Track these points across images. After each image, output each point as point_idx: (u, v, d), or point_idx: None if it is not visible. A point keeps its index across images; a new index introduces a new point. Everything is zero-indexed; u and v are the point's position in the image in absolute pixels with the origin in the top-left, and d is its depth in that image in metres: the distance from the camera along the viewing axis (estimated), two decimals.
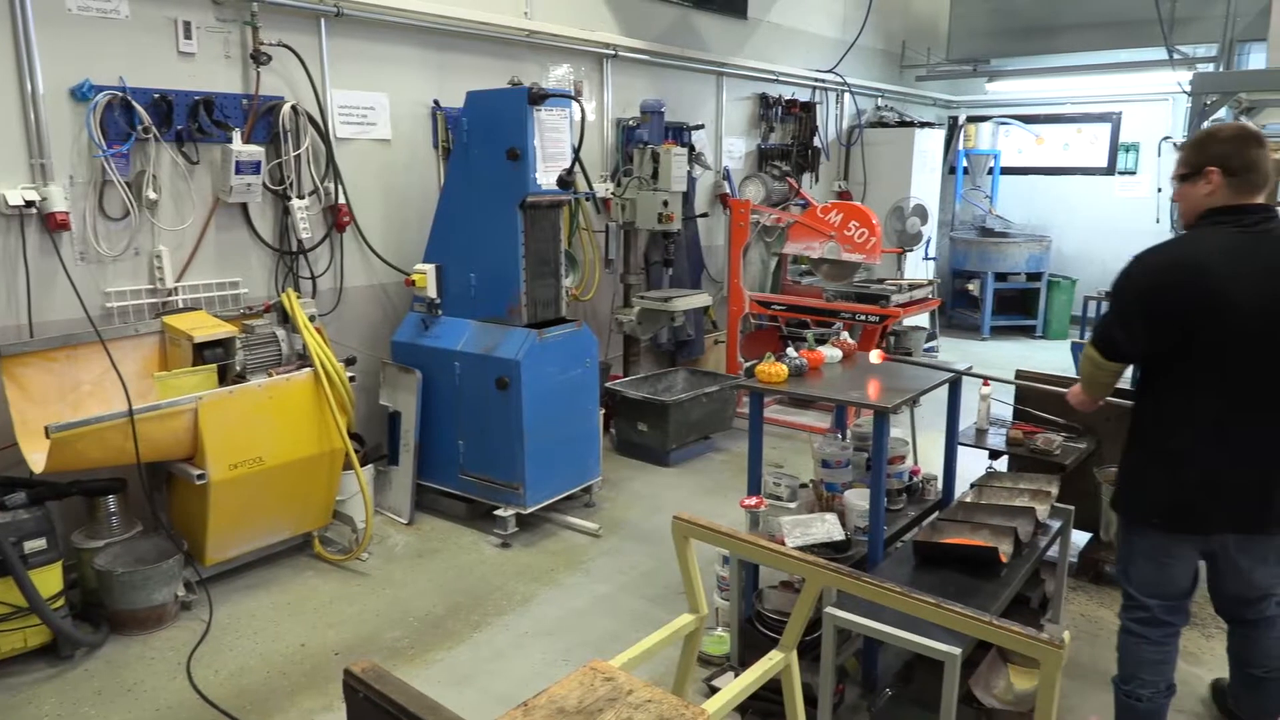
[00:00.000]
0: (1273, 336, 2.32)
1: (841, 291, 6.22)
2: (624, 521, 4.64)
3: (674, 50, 6.46)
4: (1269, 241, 2.35)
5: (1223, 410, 2.39)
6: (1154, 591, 2.57)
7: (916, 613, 2.06)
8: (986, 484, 3.49)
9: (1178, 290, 2.36)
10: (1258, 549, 2.49)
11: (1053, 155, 10.04)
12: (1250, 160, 2.38)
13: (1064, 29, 8.48)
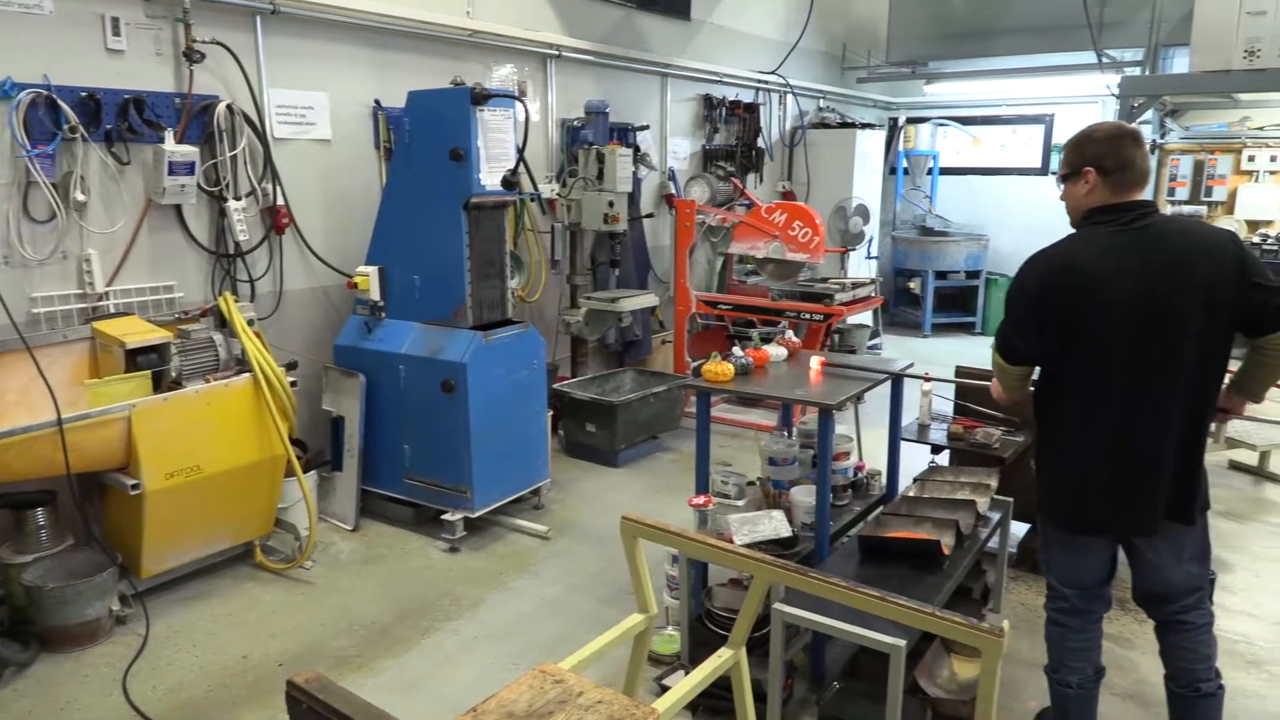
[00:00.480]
0: (1153, 332, 2.34)
1: (786, 290, 6.29)
2: (573, 523, 4.63)
3: (618, 51, 6.46)
4: (1147, 237, 2.38)
5: (1110, 408, 2.43)
6: (1071, 581, 2.63)
7: (862, 606, 2.10)
8: (929, 478, 3.56)
9: (1062, 293, 2.41)
10: (1165, 545, 2.51)
11: (989, 156, 10.29)
12: (1125, 159, 2.43)
13: (998, 33, 8.69)
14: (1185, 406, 2.40)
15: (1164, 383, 2.37)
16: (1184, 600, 2.55)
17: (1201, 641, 2.56)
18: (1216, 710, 2.56)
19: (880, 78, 9.57)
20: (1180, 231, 2.43)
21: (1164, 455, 2.41)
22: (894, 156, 10.28)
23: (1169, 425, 2.40)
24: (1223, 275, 2.33)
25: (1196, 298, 2.32)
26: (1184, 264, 2.33)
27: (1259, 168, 8.94)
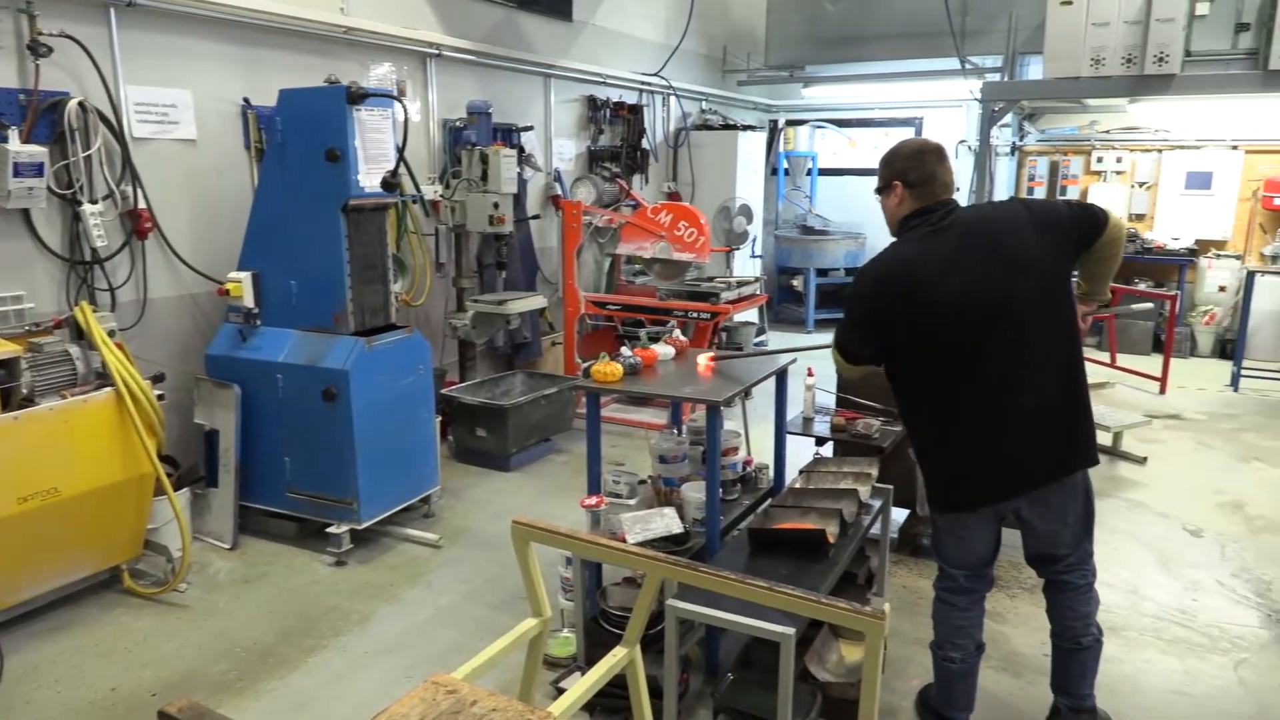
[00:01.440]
0: (991, 308, 2.51)
1: (674, 290, 6.36)
2: (465, 530, 4.55)
3: (500, 51, 6.40)
4: (956, 230, 2.58)
5: (958, 391, 2.58)
6: (959, 562, 2.78)
7: (751, 597, 2.14)
8: (814, 469, 3.66)
9: (892, 295, 2.60)
10: (1049, 513, 2.66)
11: (864, 157, 10.67)
12: (928, 173, 2.66)
13: (870, 38, 9.03)
14: (1052, 359, 2.57)
15: (1020, 349, 2.52)
16: (1069, 560, 2.73)
17: (1082, 600, 2.76)
18: (1094, 659, 2.79)
19: (760, 81, 9.80)
20: (978, 216, 2.70)
21: (1042, 414, 2.56)
22: (775, 158, 10.55)
23: (1041, 384, 2.55)
24: (1023, 232, 2.56)
25: (1014, 266, 2.52)
26: (994, 243, 2.55)
27: (1107, 168, 9.61)
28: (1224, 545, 4.39)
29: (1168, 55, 6.82)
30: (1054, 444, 2.59)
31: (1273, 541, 4.45)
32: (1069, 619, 2.78)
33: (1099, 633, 2.79)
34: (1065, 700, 2.83)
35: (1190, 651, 3.44)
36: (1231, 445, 5.96)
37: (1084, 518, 2.73)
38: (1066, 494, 2.65)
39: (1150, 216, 9.49)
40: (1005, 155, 9.87)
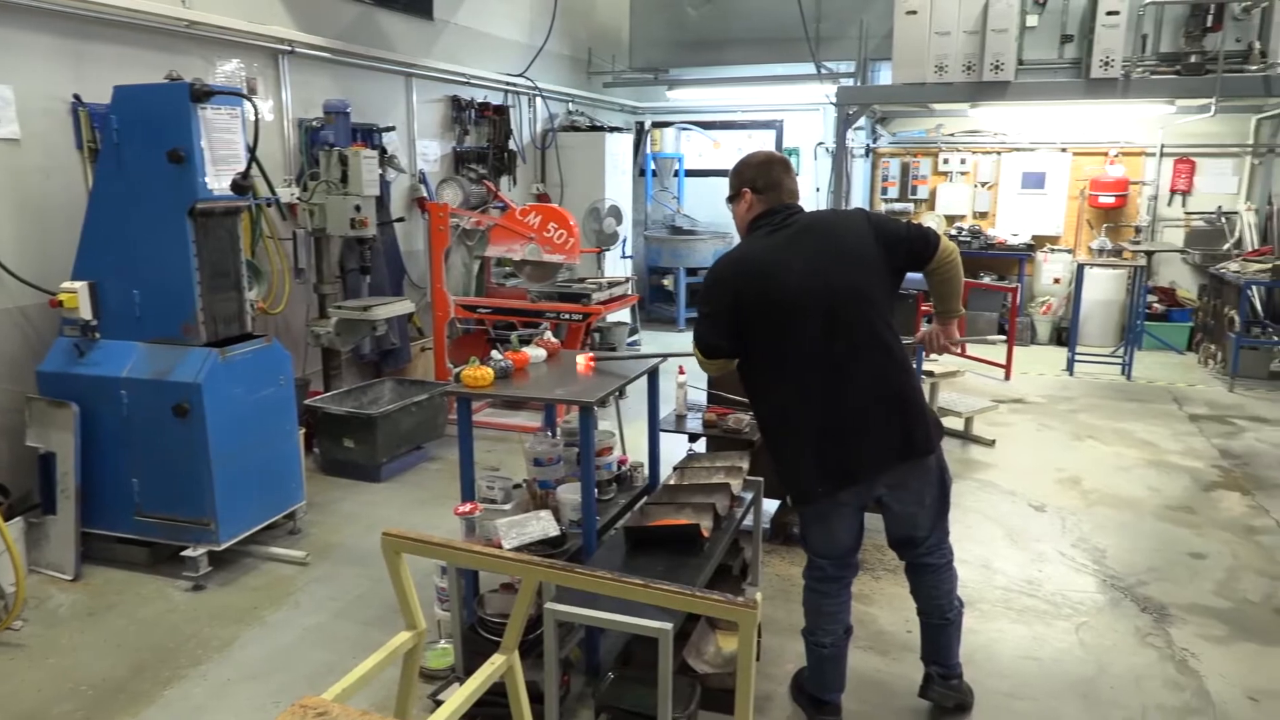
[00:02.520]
0: (827, 302, 2.66)
1: (545, 292, 6.33)
2: (335, 545, 4.39)
3: (358, 49, 6.20)
4: (798, 229, 2.77)
5: (814, 379, 2.69)
6: (825, 552, 2.89)
7: (628, 595, 2.15)
8: (687, 465, 3.72)
9: (737, 286, 2.75)
10: (907, 495, 2.80)
11: (729, 158, 10.90)
12: (774, 180, 2.85)
13: (731, 43, 9.25)
14: (877, 354, 2.70)
15: (850, 341, 2.68)
16: (928, 542, 2.89)
17: (944, 578, 2.94)
18: (958, 630, 2.99)
19: (625, 83, 9.88)
20: (820, 219, 2.94)
21: (873, 403, 2.69)
22: (642, 159, 10.66)
23: (871, 376, 2.69)
24: (864, 239, 2.75)
25: (849, 262, 2.71)
26: (831, 241, 2.75)
27: (952, 169, 10.19)
28: (1064, 518, 4.74)
29: (1003, 63, 7.30)
30: (890, 431, 2.70)
31: (1106, 513, 4.83)
32: (934, 597, 2.95)
33: (960, 605, 3.00)
34: (937, 669, 3.01)
35: (1038, 619, 3.69)
36: (1068, 425, 6.44)
37: (939, 499, 2.87)
38: (923, 477, 2.79)
39: (992, 214, 10.14)
40: (861, 157, 10.33)
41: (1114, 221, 9.68)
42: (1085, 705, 3.10)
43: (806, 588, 2.96)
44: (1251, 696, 3.16)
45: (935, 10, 7.41)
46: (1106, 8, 7.04)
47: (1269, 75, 7.00)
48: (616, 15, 9.85)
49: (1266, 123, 9.12)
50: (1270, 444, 6.01)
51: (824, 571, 2.90)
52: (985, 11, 7.25)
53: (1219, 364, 8.11)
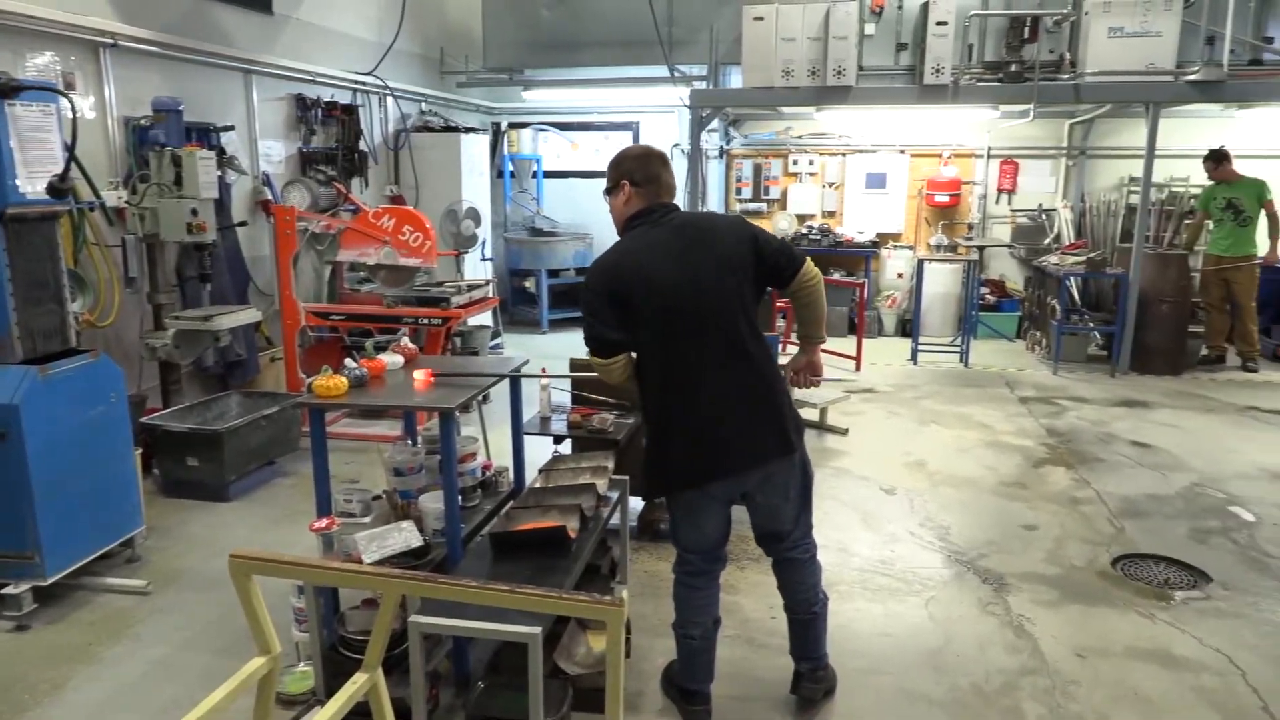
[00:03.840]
0: (697, 301, 2.74)
1: (402, 297, 6.16)
2: (180, 571, 4.12)
3: (190, 44, 5.84)
4: (675, 228, 2.82)
5: (682, 374, 2.77)
6: (694, 546, 2.94)
7: (494, 602, 2.12)
8: (553, 468, 3.71)
9: (618, 280, 2.78)
10: (771, 490, 2.86)
11: (587, 160, 10.97)
12: (652, 174, 2.89)
13: (585, 45, 9.29)
14: (740, 357, 2.77)
15: (717, 342, 2.75)
16: (793, 536, 2.96)
17: (809, 573, 3.02)
18: (824, 623, 3.07)
19: (479, 83, 9.75)
20: (698, 221, 2.95)
21: (738, 402, 2.77)
22: (500, 160, 10.55)
23: (734, 378, 2.77)
24: (739, 244, 2.80)
25: (723, 266, 2.76)
26: (707, 243, 2.79)
27: (801, 170, 10.60)
28: (912, 500, 5.01)
29: (844, 69, 7.65)
30: (754, 431, 2.78)
31: (949, 493, 5.14)
32: (800, 591, 3.03)
33: (825, 599, 3.08)
34: (806, 665, 3.08)
35: (891, 596, 3.89)
36: (914, 412, 6.82)
37: (802, 495, 2.95)
38: (786, 474, 2.87)
39: (839, 213, 10.60)
40: (715, 158, 10.59)
41: (949, 219, 10.33)
42: (936, 675, 3.29)
43: (676, 581, 3.00)
44: (1079, 653, 3.43)
45: (781, 17, 7.68)
46: (936, 18, 7.49)
47: (1079, 83, 7.63)
48: (468, 14, 9.71)
49: (1078, 127, 9.95)
50: (1089, 421, 6.56)
51: (693, 565, 2.95)
52: (827, 19, 7.58)
53: (1044, 349, 8.78)
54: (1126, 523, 4.68)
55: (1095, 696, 3.16)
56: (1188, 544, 4.43)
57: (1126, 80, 7.48)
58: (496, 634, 2.45)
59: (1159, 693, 3.18)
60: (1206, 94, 7.47)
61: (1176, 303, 8.03)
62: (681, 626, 2.98)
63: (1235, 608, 3.80)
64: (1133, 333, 7.96)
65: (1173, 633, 3.59)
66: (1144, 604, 3.83)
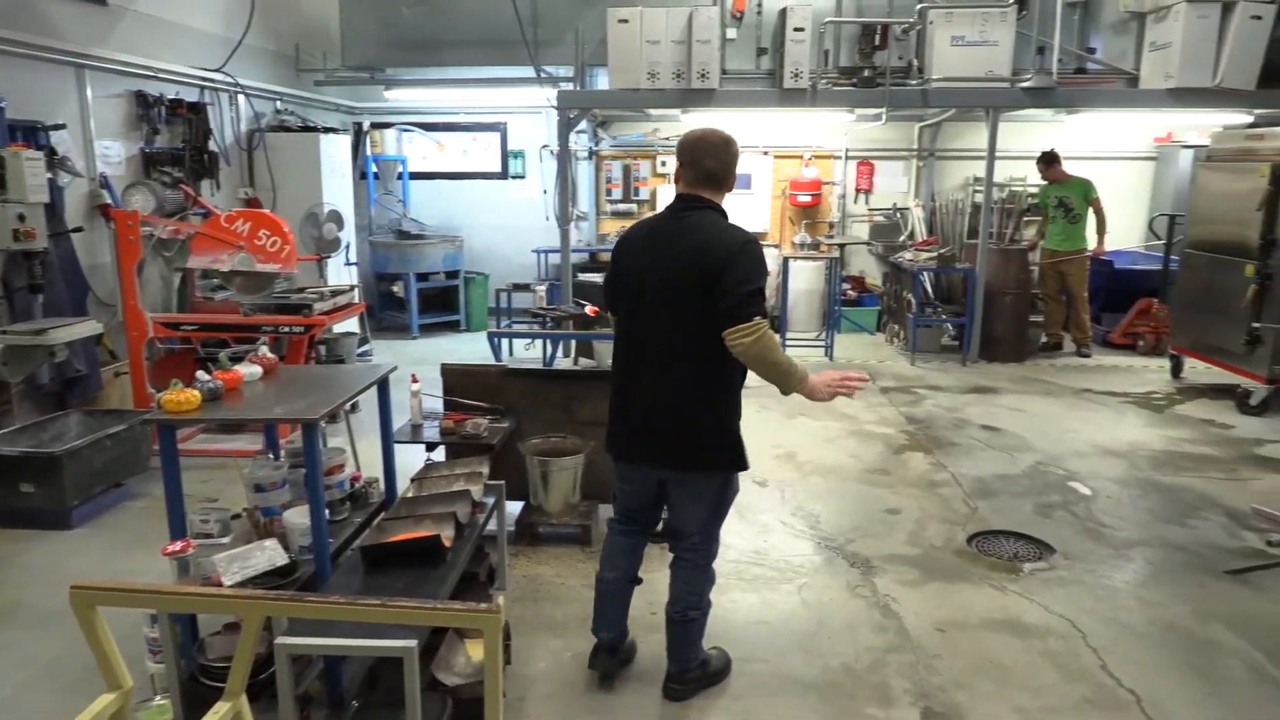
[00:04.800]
0: (657, 303, 2.85)
1: (260, 304, 5.88)
2: (16, 607, 3.80)
3: (9, 34, 5.39)
4: (678, 226, 2.85)
5: (630, 360, 2.97)
6: (616, 505, 3.23)
7: (366, 618, 2.05)
8: (425, 476, 3.63)
9: (617, 260, 3.03)
10: (682, 489, 2.99)
11: (454, 161, 10.78)
12: (695, 158, 2.88)
13: (448, 44, 9.11)
14: (676, 368, 2.85)
15: (660, 347, 2.88)
16: (693, 539, 3.06)
17: (693, 579, 3.09)
18: (692, 634, 3.14)
19: (338, 81, 9.42)
20: (699, 227, 2.84)
21: (662, 406, 2.89)
22: (363, 161, 10.23)
23: (662, 382, 2.88)
24: (711, 270, 2.72)
25: (691, 282, 2.76)
26: (691, 253, 2.78)
27: (670, 171, 10.70)
28: (784, 490, 5.17)
29: (708, 72, 7.80)
30: (666, 439, 2.91)
31: (818, 482, 5.33)
32: (677, 593, 3.10)
33: (700, 612, 3.12)
34: (671, 666, 3.16)
35: (765, 585, 4.00)
36: (784, 405, 6.98)
37: (715, 506, 3.04)
38: (698, 485, 2.99)
39: None
40: (584, 159, 10.61)
41: (811, 218, 10.71)
42: (809, 658, 3.41)
43: (607, 531, 3.28)
44: (940, 628, 3.63)
45: (645, 20, 7.76)
46: (793, 24, 7.74)
47: (926, 89, 8.06)
48: (324, 10, 9.35)
49: (927, 130, 10.50)
50: (944, 408, 6.94)
51: (616, 520, 3.23)
52: (690, 23, 7.71)
53: (902, 341, 9.23)
54: (979, 502, 4.98)
55: (956, 667, 3.34)
56: (1033, 519, 4.75)
57: (968, 86, 7.95)
58: (369, 650, 2.37)
59: (1011, 659, 3.40)
60: (1039, 100, 8.03)
61: (1018, 295, 8.61)
62: (601, 568, 3.23)
63: (1076, 575, 4.10)
64: (980, 323, 8.48)
65: (1022, 602, 3.85)
66: (996, 577, 4.08)
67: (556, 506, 4.37)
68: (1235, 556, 4.28)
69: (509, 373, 4.58)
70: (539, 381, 4.58)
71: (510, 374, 4.57)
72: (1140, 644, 3.52)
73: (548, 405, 4.53)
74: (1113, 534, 4.56)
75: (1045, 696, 3.16)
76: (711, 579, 3.15)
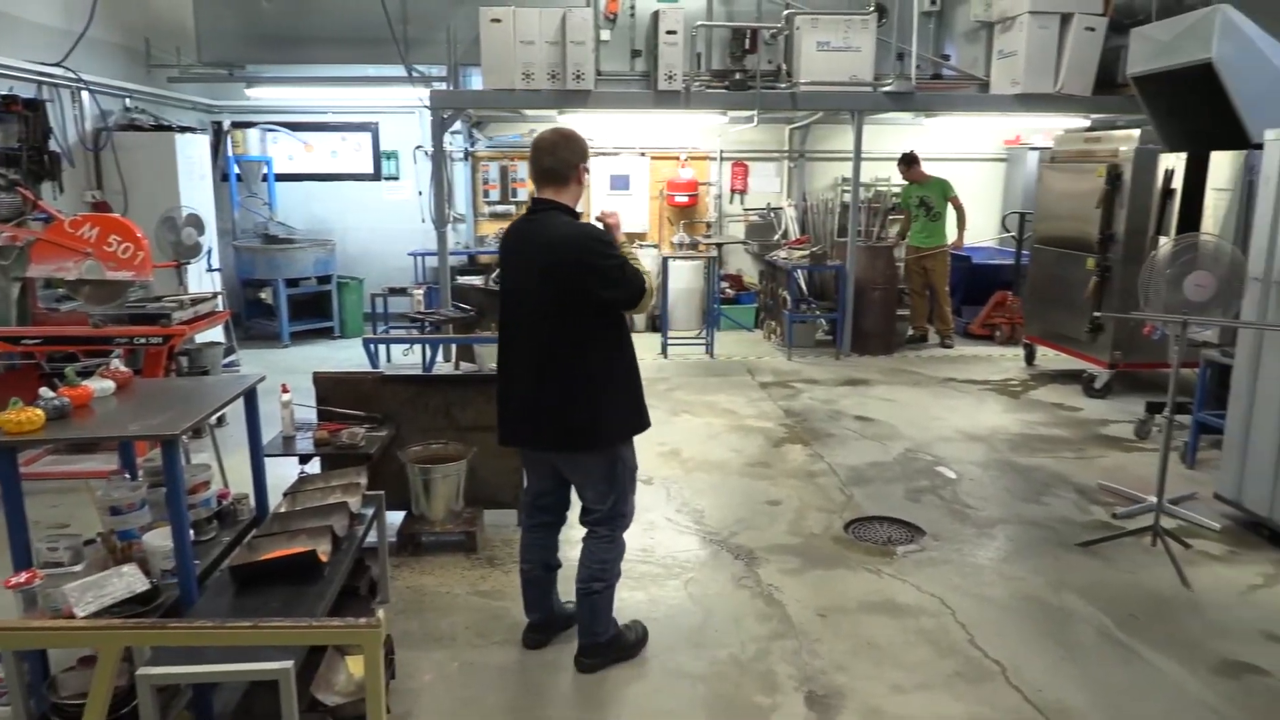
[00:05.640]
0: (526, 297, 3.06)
1: (113, 315, 5.51)
2: None
3: None
4: (535, 227, 3.08)
5: (508, 350, 3.17)
6: (524, 491, 3.43)
7: (237, 641, 1.96)
8: (299, 489, 3.49)
9: (499, 255, 3.29)
10: (574, 470, 3.21)
11: (323, 162, 10.40)
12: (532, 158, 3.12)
13: (313, 41, 8.76)
14: (548, 358, 3.04)
15: (531, 338, 3.06)
16: (596, 515, 3.24)
17: (600, 551, 3.26)
18: (597, 609, 3.28)
19: (195, 78, 8.93)
20: (548, 226, 3.06)
21: (533, 393, 3.08)
22: (224, 162, 9.73)
23: (536, 370, 3.06)
24: (561, 262, 2.99)
25: (546, 276, 3.00)
26: (547, 249, 3.01)
27: None
28: (668, 487, 5.23)
29: (583, 73, 7.81)
30: (550, 422, 3.09)
31: (702, 478, 5.42)
32: (584, 566, 3.27)
33: (605, 586, 3.28)
34: (580, 640, 3.33)
35: (653, 582, 4.04)
36: (667, 403, 7.11)
37: (608, 482, 3.20)
38: (587, 464, 3.18)
39: (586, 214, 10.77)
40: (460, 160, 10.43)
41: (689, 218, 10.88)
42: (697, 651, 3.46)
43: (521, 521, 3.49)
44: (821, 613, 3.75)
45: (519, 20, 7.70)
46: (666, 27, 7.85)
47: (794, 92, 8.31)
48: (177, 3, 8.84)
49: (797, 132, 10.84)
50: (820, 401, 7.18)
51: (525, 513, 3.42)
52: (564, 24, 7.70)
53: (779, 337, 9.49)
54: (855, 490, 5.18)
55: (836, 650, 3.46)
56: (905, 504, 4.97)
57: (834, 90, 8.25)
58: (241, 675, 2.27)
59: (888, 639, 3.55)
60: (899, 103, 8.41)
61: (885, 290, 9.00)
62: (518, 557, 3.45)
63: (944, 555, 4.32)
64: (852, 318, 8.82)
65: (896, 584, 4.02)
66: (872, 561, 4.25)
67: (440, 514, 4.28)
68: (1085, 529, 4.60)
69: (386, 379, 4.46)
70: (418, 387, 4.47)
71: (388, 380, 4.45)
72: (1003, 616, 3.74)
73: (428, 411, 4.43)
74: (976, 514, 4.83)
75: (919, 673, 3.31)
76: (619, 552, 3.33)
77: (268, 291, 9.51)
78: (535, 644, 3.45)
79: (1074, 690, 3.20)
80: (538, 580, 3.41)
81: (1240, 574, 4.14)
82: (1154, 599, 3.89)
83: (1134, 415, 6.48)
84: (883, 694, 3.18)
